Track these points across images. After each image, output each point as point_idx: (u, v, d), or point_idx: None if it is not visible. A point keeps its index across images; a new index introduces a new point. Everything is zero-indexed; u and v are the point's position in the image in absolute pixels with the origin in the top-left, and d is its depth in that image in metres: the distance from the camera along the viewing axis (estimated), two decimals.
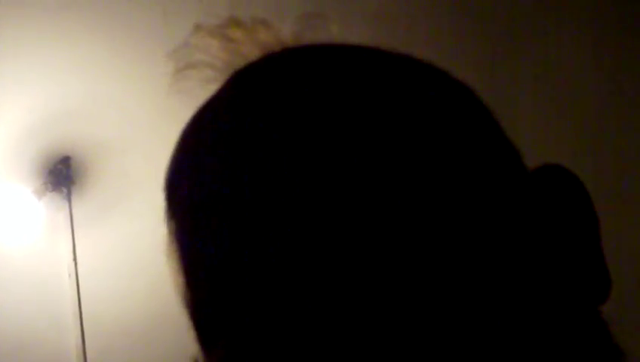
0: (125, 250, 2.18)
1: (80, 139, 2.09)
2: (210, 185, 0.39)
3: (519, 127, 2.21)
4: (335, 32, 0.45)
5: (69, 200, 2.11)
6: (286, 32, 0.46)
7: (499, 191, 0.39)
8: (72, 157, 2.10)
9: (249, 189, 0.37)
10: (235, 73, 0.44)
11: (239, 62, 0.45)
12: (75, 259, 2.11)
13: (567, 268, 0.40)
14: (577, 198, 0.42)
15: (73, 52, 1.98)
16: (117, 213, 2.16)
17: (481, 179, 0.38)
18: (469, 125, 0.41)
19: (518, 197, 0.40)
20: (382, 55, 0.43)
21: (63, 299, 2.14)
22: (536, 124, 2.07)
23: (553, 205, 0.41)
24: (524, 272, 0.37)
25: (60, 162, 2.09)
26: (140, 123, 2.06)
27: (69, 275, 2.12)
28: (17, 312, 2.18)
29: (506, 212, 0.38)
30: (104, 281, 2.19)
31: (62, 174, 2.08)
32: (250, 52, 0.45)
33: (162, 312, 2.15)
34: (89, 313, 2.12)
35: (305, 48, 0.44)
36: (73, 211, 2.11)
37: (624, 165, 2.08)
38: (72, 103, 2.03)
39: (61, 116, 2.05)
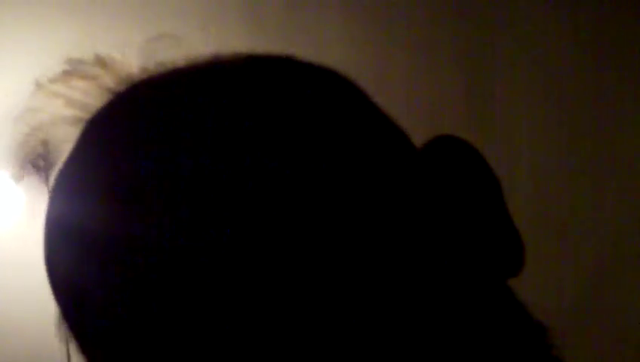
0: None
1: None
2: (71, 262, 0.39)
3: (499, 115, 2.22)
4: (187, 49, 0.44)
5: (48, 184, 2.10)
6: (132, 64, 0.45)
7: (387, 172, 0.38)
8: (50, 141, 2.09)
9: (109, 260, 0.37)
10: (84, 126, 0.43)
11: (86, 113, 0.44)
12: None
13: (474, 239, 0.39)
14: (473, 165, 0.41)
15: (51, 36, 1.97)
16: None
17: (365, 163, 0.37)
18: (345, 112, 0.40)
19: (408, 175, 0.39)
20: (239, 66, 0.41)
21: (43, 282, 2.13)
22: (516, 110, 2.08)
23: (448, 175, 0.40)
24: (426, 252, 0.36)
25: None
26: None
27: None
28: None
29: (397, 191, 0.37)
30: None
31: (40, 158, 2.07)
32: (97, 99, 0.44)
33: None
34: None
35: (148, 81, 0.43)
36: None
37: (604, 150, 2.09)
38: None
39: None
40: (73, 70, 0.46)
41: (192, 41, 0.44)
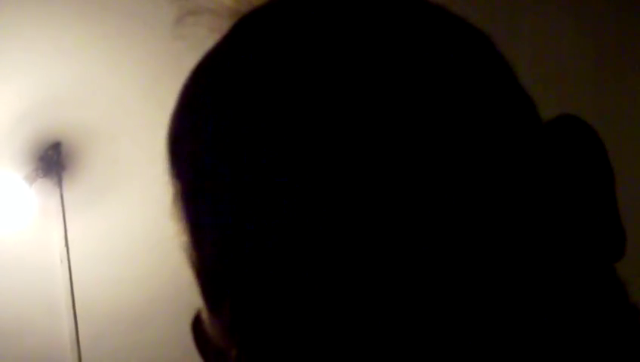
0: (117, 235, 2.18)
1: (70, 124, 2.08)
2: (213, 142, 0.38)
3: None
4: None
5: (60, 186, 2.10)
6: None
7: (513, 141, 0.38)
8: (63, 143, 2.10)
9: (253, 146, 0.36)
10: (238, 20, 0.43)
11: (244, 9, 0.43)
12: (67, 245, 2.11)
13: (582, 223, 0.39)
14: (592, 150, 0.41)
15: (62, 37, 1.97)
16: (108, 198, 2.15)
17: (495, 128, 0.37)
18: (483, 72, 0.40)
19: (532, 148, 0.39)
20: (399, 6, 0.41)
21: (55, 285, 2.14)
22: None
23: (568, 156, 0.40)
24: (538, 227, 0.36)
25: (50, 148, 2.08)
26: (130, 108, 2.05)
27: (61, 261, 2.12)
28: (9, 299, 2.18)
29: (521, 164, 0.37)
30: (96, 267, 2.19)
31: (52, 160, 2.08)
32: None
33: (155, 297, 2.15)
34: (81, 299, 2.12)
35: None
36: (64, 197, 2.11)
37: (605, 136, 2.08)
38: (62, 89, 2.02)
39: (51, 102, 2.04)
40: None
41: None
